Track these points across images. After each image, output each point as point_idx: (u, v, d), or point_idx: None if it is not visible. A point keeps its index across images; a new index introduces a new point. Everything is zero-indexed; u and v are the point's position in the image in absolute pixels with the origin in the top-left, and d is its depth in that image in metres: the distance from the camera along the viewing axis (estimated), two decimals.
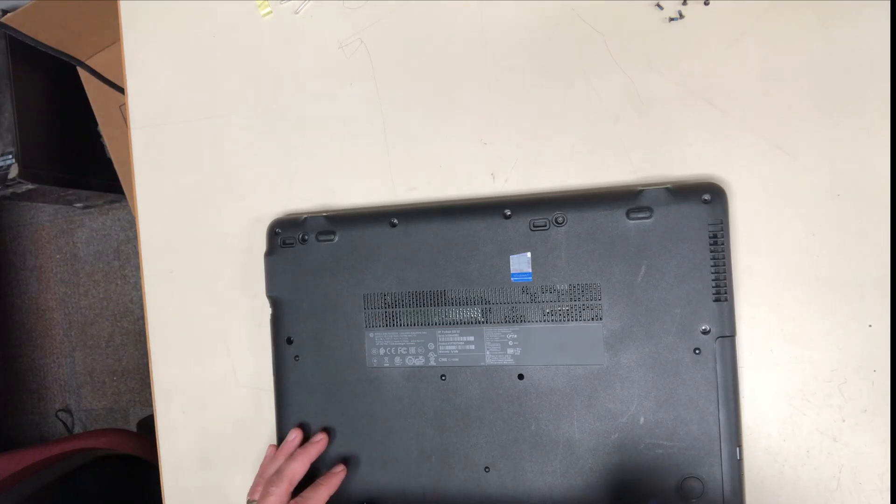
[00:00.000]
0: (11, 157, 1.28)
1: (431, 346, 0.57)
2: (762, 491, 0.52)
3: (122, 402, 1.72)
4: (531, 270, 0.54)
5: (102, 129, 1.36)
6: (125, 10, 0.72)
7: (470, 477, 0.55)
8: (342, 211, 0.62)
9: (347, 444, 0.59)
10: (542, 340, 0.54)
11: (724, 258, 0.50)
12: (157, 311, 0.70)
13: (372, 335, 0.58)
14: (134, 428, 1.61)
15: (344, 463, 0.58)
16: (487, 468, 0.55)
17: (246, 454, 0.66)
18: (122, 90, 0.93)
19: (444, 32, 0.61)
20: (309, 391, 0.60)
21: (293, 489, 0.54)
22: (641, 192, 0.52)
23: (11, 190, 1.35)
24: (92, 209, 1.74)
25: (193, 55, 0.69)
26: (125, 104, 0.71)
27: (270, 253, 0.62)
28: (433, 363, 0.57)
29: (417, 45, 0.62)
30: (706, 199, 0.51)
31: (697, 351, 0.51)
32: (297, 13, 0.66)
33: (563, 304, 0.54)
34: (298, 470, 0.55)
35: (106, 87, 1.32)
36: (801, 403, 0.52)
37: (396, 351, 0.58)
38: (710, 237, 0.51)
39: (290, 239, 0.61)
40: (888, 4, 0.50)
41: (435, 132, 0.61)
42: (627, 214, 0.52)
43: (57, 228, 1.78)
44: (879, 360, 0.50)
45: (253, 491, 0.55)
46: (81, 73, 1.32)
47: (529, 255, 0.55)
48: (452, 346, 0.56)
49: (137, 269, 1.66)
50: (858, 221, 0.51)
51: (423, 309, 0.57)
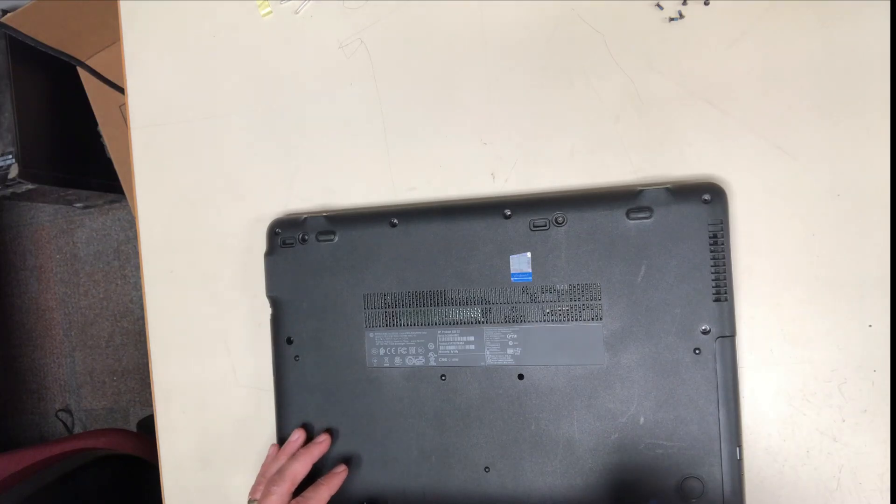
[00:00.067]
0: (11, 157, 1.28)
1: (431, 346, 0.57)
2: (762, 491, 0.52)
3: (122, 402, 1.72)
4: (531, 270, 0.54)
5: (102, 129, 1.36)
6: (125, 10, 0.72)
7: (470, 477, 0.55)
8: (342, 211, 0.62)
9: (347, 443, 0.59)
10: (542, 340, 0.54)
11: (724, 258, 0.50)
12: (157, 311, 0.70)
13: (372, 335, 0.58)
14: (134, 428, 1.61)
15: (344, 463, 0.58)
16: (487, 468, 0.55)
17: (246, 454, 0.66)
18: (122, 90, 0.93)
19: (444, 32, 0.61)
20: (309, 391, 0.60)
21: (295, 489, 0.54)
22: (641, 192, 0.52)
23: (11, 190, 1.35)
24: (92, 209, 1.74)
25: (193, 55, 0.69)
26: (125, 104, 0.71)
27: (270, 253, 0.62)
28: (433, 363, 0.57)
29: (417, 45, 0.62)
30: (706, 199, 0.51)
31: (697, 351, 0.51)
32: (297, 13, 0.66)
33: (563, 304, 0.54)
34: (300, 470, 0.55)
35: (106, 87, 1.32)
36: (801, 403, 0.52)
37: (396, 351, 0.58)
38: (710, 237, 0.51)
39: (290, 239, 0.61)
40: (888, 4, 0.50)
41: (435, 132, 0.61)
42: (627, 214, 0.52)
43: (57, 228, 1.78)
44: (879, 360, 0.50)
45: (254, 490, 0.55)
46: (81, 73, 1.32)
47: (529, 255, 0.55)
48: (452, 346, 0.56)
49: (137, 269, 1.66)
50: (858, 221, 0.51)
51: (423, 309, 0.57)
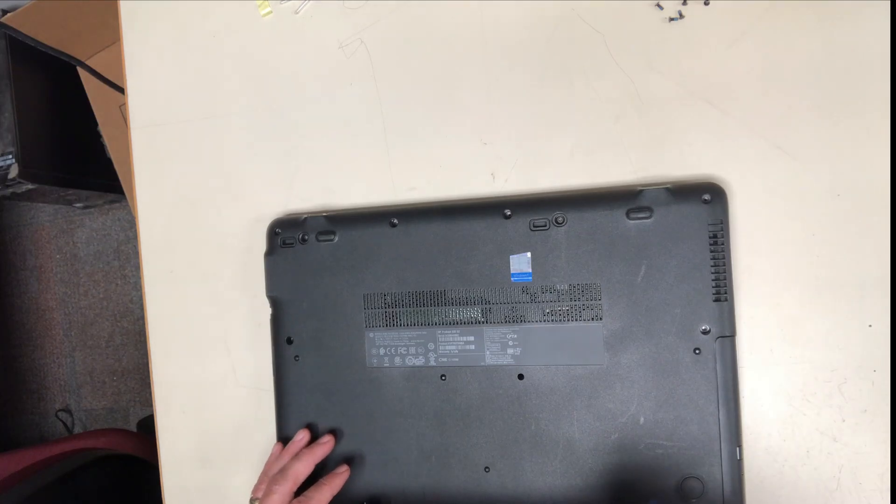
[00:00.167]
0: (11, 157, 1.28)
1: (431, 346, 0.57)
2: (762, 491, 0.52)
3: (122, 402, 1.72)
4: (531, 270, 0.54)
5: (102, 129, 1.36)
6: (125, 10, 0.72)
7: (470, 477, 0.55)
8: (342, 211, 0.62)
9: (348, 443, 0.59)
10: (542, 340, 0.54)
11: (724, 258, 0.50)
12: (157, 311, 0.70)
13: (372, 335, 0.58)
14: (134, 428, 1.61)
15: (345, 463, 0.58)
16: (487, 468, 0.55)
17: (246, 454, 0.66)
18: (122, 90, 0.93)
19: (444, 32, 0.61)
20: (309, 391, 0.60)
21: (297, 489, 0.54)
22: (641, 192, 0.52)
23: (11, 190, 1.35)
24: (92, 209, 1.74)
25: (193, 55, 0.69)
26: (125, 104, 0.71)
27: (270, 253, 0.62)
28: (433, 363, 0.57)
29: (417, 45, 0.62)
30: (706, 199, 0.51)
31: (697, 351, 0.51)
32: (297, 13, 0.66)
33: (563, 304, 0.54)
34: (303, 470, 0.55)
35: (106, 87, 1.32)
36: (801, 403, 0.52)
37: (396, 351, 0.58)
38: (710, 237, 0.51)
39: (290, 239, 0.61)
40: (888, 4, 0.50)
41: (435, 132, 0.61)
42: (627, 214, 0.52)
43: (57, 228, 1.78)
44: (879, 360, 0.50)
45: (257, 489, 0.55)
46: (81, 73, 1.32)
47: (529, 255, 0.55)
48: (452, 346, 0.56)
49: (137, 269, 1.66)
50: (858, 221, 0.51)
51: (423, 309, 0.57)
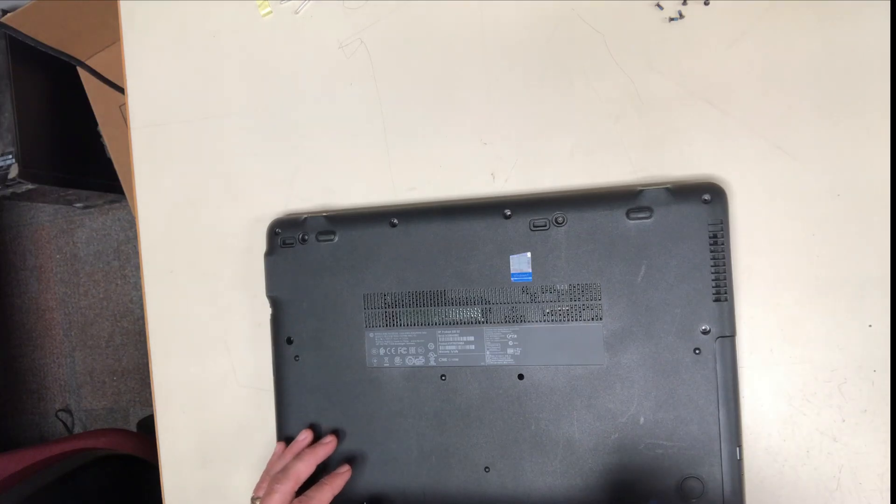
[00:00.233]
0: (11, 157, 1.28)
1: (431, 346, 0.57)
2: (762, 491, 0.52)
3: (122, 402, 1.72)
4: (531, 270, 0.54)
5: (102, 129, 1.36)
6: (125, 10, 0.72)
7: (470, 477, 0.55)
8: (342, 211, 0.62)
9: (348, 443, 0.59)
10: (542, 340, 0.54)
11: (724, 258, 0.50)
12: (157, 311, 0.70)
13: (372, 335, 0.58)
14: (134, 428, 1.61)
15: (347, 463, 0.58)
16: (487, 468, 0.55)
17: (246, 454, 0.66)
18: (122, 90, 0.93)
19: (444, 32, 0.61)
20: (309, 391, 0.60)
21: (298, 488, 0.54)
22: (641, 192, 0.52)
23: (11, 190, 1.35)
24: (92, 209, 1.73)
25: (193, 55, 0.69)
26: (125, 104, 0.71)
27: (270, 253, 0.62)
28: (433, 363, 0.57)
29: (417, 45, 0.62)
30: (706, 199, 0.51)
31: (697, 351, 0.51)
32: (297, 13, 0.66)
33: (563, 304, 0.54)
34: (304, 470, 0.55)
35: (106, 87, 1.32)
36: (801, 403, 0.52)
37: (396, 351, 0.58)
38: (710, 237, 0.51)
39: (290, 239, 0.61)
40: (888, 4, 0.50)
41: (435, 132, 0.61)
42: (627, 214, 0.52)
43: (57, 228, 1.78)
44: (879, 360, 0.50)
45: (258, 488, 0.55)
46: (81, 73, 1.32)
47: (529, 255, 0.54)
48: (452, 346, 0.56)
49: (137, 269, 1.66)
50: (858, 221, 0.51)
51: (423, 309, 0.57)
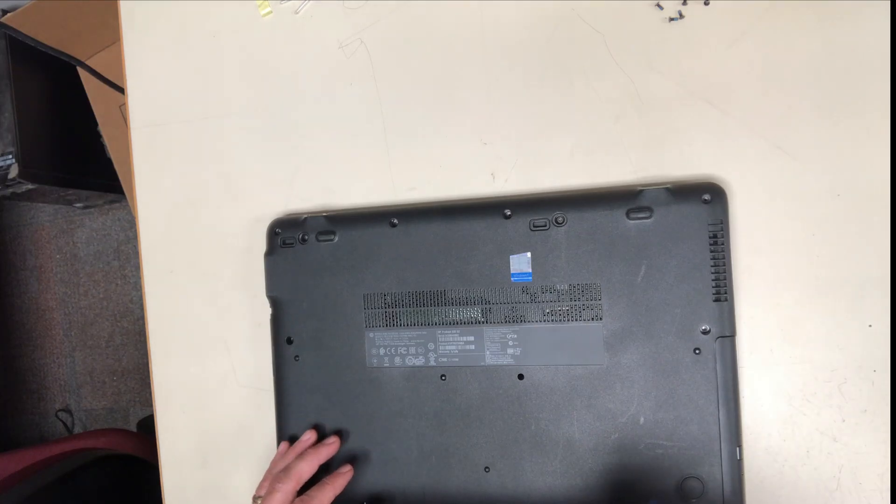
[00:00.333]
0: (11, 157, 1.28)
1: (431, 346, 0.57)
2: (762, 491, 0.52)
3: (122, 402, 1.72)
4: (531, 270, 0.54)
5: (102, 129, 1.36)
6: (125, 10, 0.72)
7: (470, 477, 0.55)
8: (342, 211, 0.62)
9: (348, 443, 0.59)
10: (542, 340, 0.54)
11: (724, 258, 0.50)
12: (157, 311, 0.70)
13: (372, 335, 0.58)
14: (134, 428, 1.61)
15: (348, 463, 0.58)
16: (487, 468, 0.55)
17: (246, 454, 0.66)
18: (122, 90, 0.93)
19: (444, 32, 0.61)
20: (309, 391, 0.60)
21: (300, 488, 0.54)
22: (641, 192, 0.52)
23: (11, 190, 1.35)
24: (92, 209, 1.74)
25: (193, 55, 0.69)
26: (125, 104, 0.71)
27: (270, 253, 0.62)
28: (433, 363, 0.57)
29: (417, 45, 0.62)
30: (706, 199, 0.51)
31: (697, 351, 0.51)
32: (297, 13, 0.66)
33: (563, 304, 0.54)
34: (306, 469, 0.55)
35: (106, 87, 1.32)
36: (801, 403, 0.52)
37: (396, 351, 0.58)
38: (710, 237, 0.51)
39: (290, 239, 0.61)
40: (888, 4, 0.50)
41: (435, 132, 0.61)
42: (627, 214, 0.52)
43: (57, 228, 1.78)
44: (879, 360, 0.50)
45: (260, 487, 0.55)
46: (81, 73, 1.32)
47: (529, 255, 0.54)
48: (452, 346, 0.56)
49: (137, 269, 1.66)
50: (858, 221, 0.51)
51: (423, 309, 0.57)
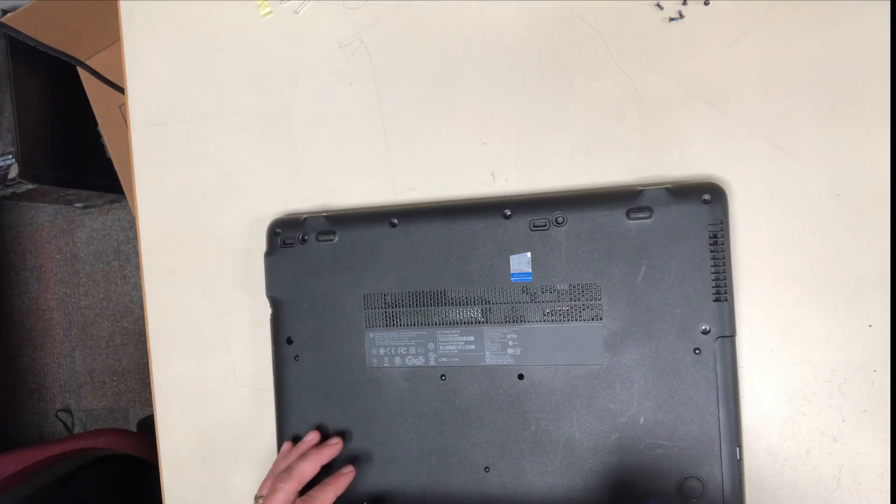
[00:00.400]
0: (11, 157, 1.28)
1: (431, 346, 0.57)
2: (762, 491, 0.52)
3: (122, 402, 1.72)
4: (531, 270, 0.54)
5: (102, 129, 1.36)
6: (125, 10, 0.72)
7: (470, 477, 0.55)
8: (342, 211, 0.62)
9: (348, 443, 0.59)
10: (542, 340, 0.54)
11: (724, 258, 0.50)
12: (157, 311, 0.70)
13: (372, 335, 0.58)
14: (134, 428, 1.61)
15: (350, 463, 0.58)
16: (487, 468, 0.55)
17: (246, 454, 0.66)
18: (122, 90, 0.93)
19: (444, 32, 0.61)
20: (309, 391, 0.60)
21: (301, 488, 0.54)
22: (641, 192, 0.52)
23: (11, 190, 1.35)
24: (92, 209, 1.73)
25: (193, 55, 0.69)
26: (125, 104, 0.71)
27: (270, 253, 0.62)
28: (433, 363, 0.57)
29: (417, 45, 0.62)
30: (706, 199, 0.51)
31: (697, 351, 0.51)
32: (297, 13, 0.66)
33: (563, 304, 0.54)
34: (308, 470, 0.55)
35: (106, 87, 1.32)
36: (801, 403, 0.52)
37: (396, 351, 0.58)
38: (710, 237, 0.51)
39: (290, 239, 0.61)
40: (888, 4, 0.50)
41: (435, 132, 0.61)
42: (627, 214, 0.52)
43: (57, 228, 1.78)
44: (879, 360, 0.50)
45: (262, 486, 0.55)
46: (81, 73, 1.32)
47: (529, 255, 0.54)
48: (452, 346, 0.56)
49: (137, 269, 1.66)
50: (858, 221, 0.51)
51: (423, 309, 0.57)
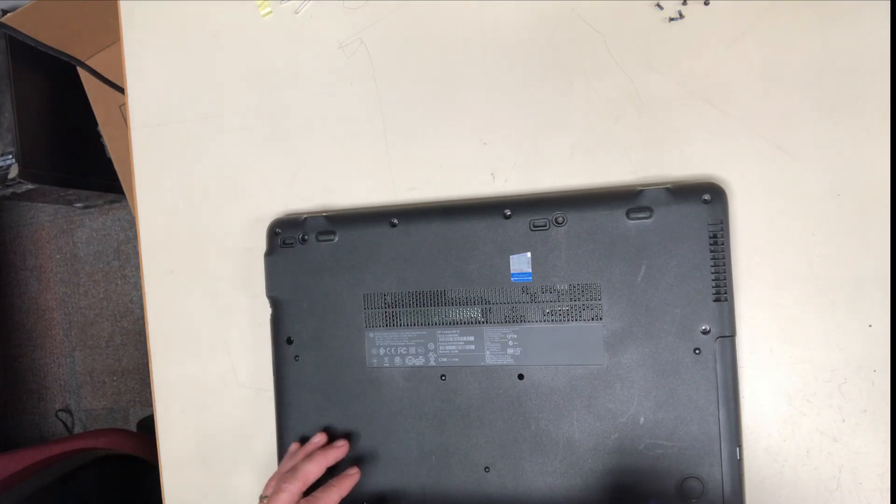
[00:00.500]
0: (11, 157, 1.28)
1: (431, 346, 0.57)
2: (762, 491, 0.52)
3: (122, 402, 1.72)
4: (531, 270, 0.54)
5: (102, 129, 1.36)
6: (125, 10, 0.72)
7: (470, 477, 0.55)
8: (342, 211, 0.62)
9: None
10: (542, 340, 0.54)
11: (724, 258, 0.50)
12: (157, 311, 0.70)
13: (372, 335, 0.58)
14: (134, 428, 1.61)
15: (355, 465, 0.57)
16: (487, 468, 0.55)
17: (246, 454, 0.66)
18: (122, 90, 0.93)
19: (444, 32, 0.61)
20: (309, 391, 0.60)
21: (306, 489, 0.54)
22: (641, 192, 0.52)
23: (11, 190, 1.35)
24: (92, 209, 1.73)
25: (193, 55, 0.69)
26: (125, 104, 0.71)
27: (270, 253, 0.62)
28: (433, 363, 0.57)
29: (417, 45, 0.62)
30: (706, 199, 0.51)
31: (697, 351, 0.51)
32: (297, 13, 0.66)
33: (563, 304, 0.54)
34: (313, 471, 0.55)
35: (106, 87, 1.32)
36: (801, 403, 0.52)
37: (396, 351, 0.58)
38: (710, 237, 0.51)
39: (290, 239, 0.61)
40: (888, 4, 0.50)
41: (435, 132, 0.61)
42: (627, 214, 0.52)
43: (57, 228, 1.78)
44: (879, 360, 0.50)
45: (267, 486, 0.55)
46: (81, 73, 1.32)
47: (529, 255, 0.54)
48: (452, 346, 0.56)
49: (137, 269, 1.66)
50: (858, 221, 0.51)
51: (423, 309, 0.57)
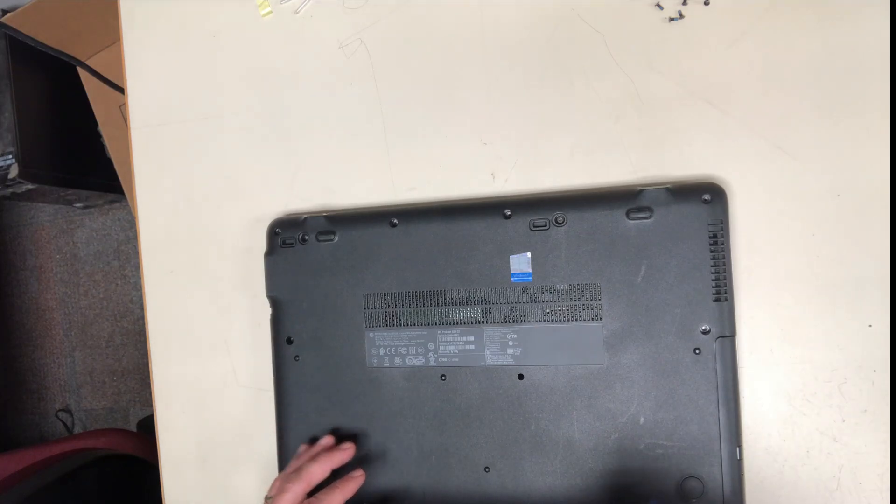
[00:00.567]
0: (11, 157, 1.28)
1: (431, 346, 0.57)
2: (762, 491, 0.52)
3: (122, 402, 1.72)
4: (531, 270, 0.54)
5: (102, 129, 1.36)
6: (125, 10, 0.72)
7: (470, 477, 0.55)
8: (342, 211, 0.62)
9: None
10: (542, 340, 0.54)
11: (724, 258, 0.50)
12: (157, 311, 0.70)
13: (372, 335, 0.58)
14: (134, 428, 1.61)
15: (360, 467, 0.57)
16: (487, 468, 0.55)
17: (246, 454, 0.66)
18: (122, 90, 0.93)
19: (444, 32, 0.61)
20: (309, 391, 0.60)
21: (310, 490, 0.54)
22: (641, 192, 0.52)
23: (11, 190, 1.35)
24: (92, 209, 1.73)
25: (193, 55, 0.69)
26: (125, 104, 0.71)
27: (270, 253, 0.62)
28: (433, 363, 0.57)
29: (417, 45, 0.62)
30: (706, 199, 0.51)
31: (697, 351, 0.51)
32: (297, 13, 0.66)
33: (563, 304, 0.54)
34: (318, 472, 0.55)
35: (106, 87, 1.32)
36: (801, 403, 0.52)
37: (396, 351, 0.58)
38: (710, 237, 0.51)
39: (290, 239, 0.61)
40: (888, 4, 0.50)
41: (435, 132, 0.61)
42: (627, 214, 0.52)
43: (57, 228, 1.78)
44: (879, 360, 0.50)
45: (272, 486, 0.55)
46: (81, 73, 1.32)
47: (529, 255, 0.55)
48: (452, 346, 0.56)
49: (137, 269, 1.66)
50: (858, 221, 0.51)
51: (423, 309, 0.57)
